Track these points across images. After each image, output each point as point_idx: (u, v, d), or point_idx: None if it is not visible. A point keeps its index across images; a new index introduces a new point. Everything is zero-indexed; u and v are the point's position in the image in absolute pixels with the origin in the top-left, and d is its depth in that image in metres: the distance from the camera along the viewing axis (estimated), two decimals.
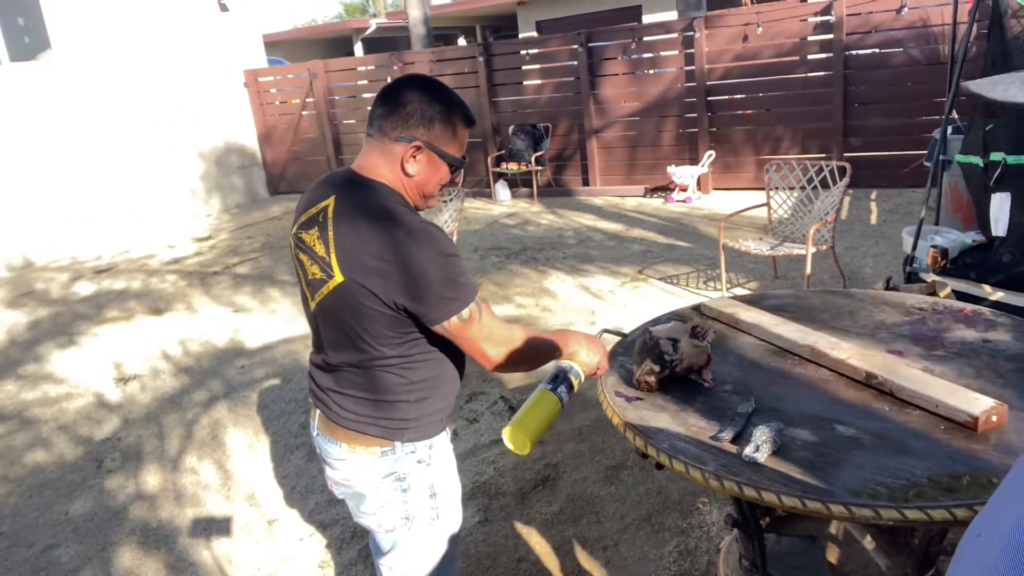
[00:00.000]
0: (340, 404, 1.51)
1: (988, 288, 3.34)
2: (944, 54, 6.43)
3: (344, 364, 1.48)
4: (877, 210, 6.41)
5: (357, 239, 1.38)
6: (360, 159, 1.49)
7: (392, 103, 1.44)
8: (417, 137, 1.44)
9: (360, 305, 1.39)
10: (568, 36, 8.29)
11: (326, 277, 1.42)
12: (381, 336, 1.42)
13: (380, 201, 1.42)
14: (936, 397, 1.54)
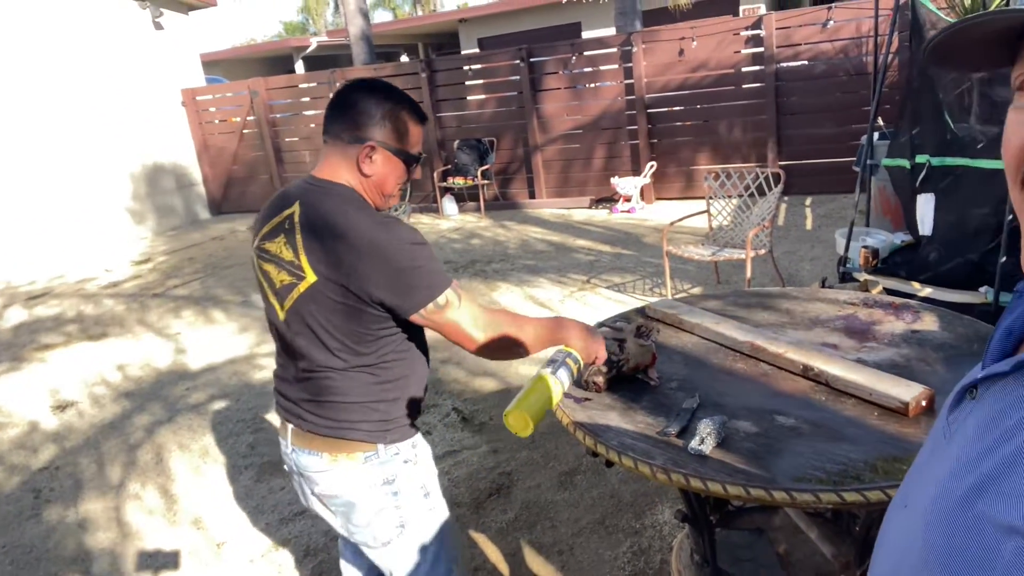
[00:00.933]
0: (317, 413, 1.49)
1: (917, 285, 3.50)
2: (868, 64, 6.73)
3: (319, 370, 1.47)
4: (812, 215, 6.64)
5: (325, 237, 1.39)
6: (320, 165, 1.51)
7: (342, 107, 1.47)
8: (370, 137, 1.46)
9: (334, 304, 1.39)
10: (510, 52, 8.38)
11: (297, 280, 1.42)
12: (355, 335, 1.42)
13: (343, 201, 1.44)
14: (869, 385, 1.61)
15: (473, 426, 3.47)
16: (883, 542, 0.66)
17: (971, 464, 0.50)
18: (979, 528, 0.46)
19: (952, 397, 0.61)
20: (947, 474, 0.53)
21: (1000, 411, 0.51)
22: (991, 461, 0.48)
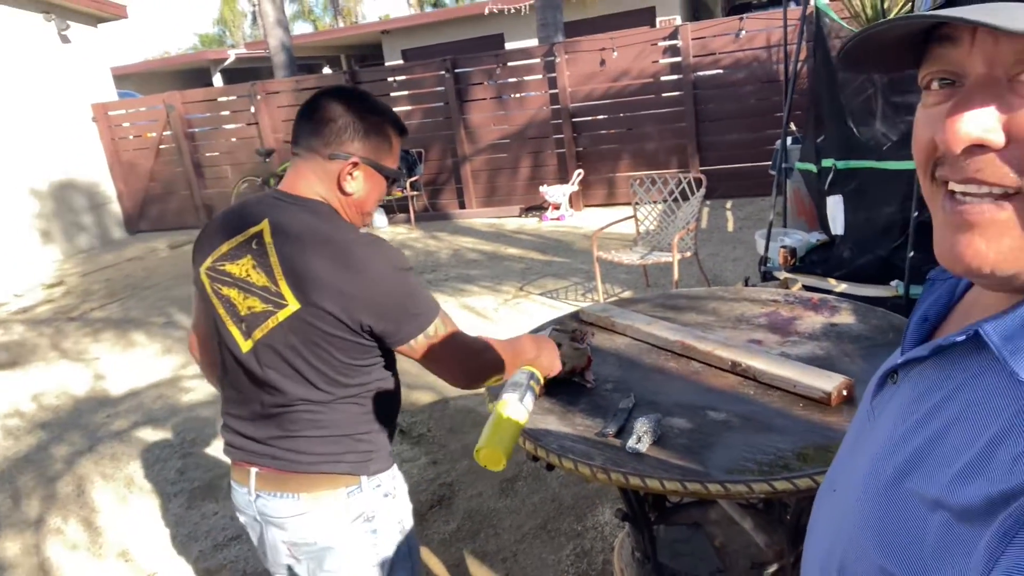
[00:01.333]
0: (296, 448, 1.34)
1: (833, 281, 3.67)
2: (779, 72, 7.04)
3: (297, 404, 1.33)
4: (733, 218, 6.88)
5: (309, 261, 1.27)
6: (290, 180, 1.38)
7: (320, 119, 1.35)
8: (353, 153, 1.36)
9: (319, 333, 1.27)
10: (435, 62, 8.39)
11: (274, 308, 1.28)
12: (341, 366, 1.31)
13: (324, 220, 1.32)
14: (793, 378, 1.69)
15: (411, 438, 3.44)
16: (815, 526, 0.69)
17: (897, 445, 0.54)
18: (908, 505, 0.49)
19: (874, 383, 0.65)
20: (875, 456, 0.56)
21: (920, 394, 0.55)
22: (916, 441, 0.52)
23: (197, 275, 1.39)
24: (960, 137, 0.46)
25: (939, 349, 0.54)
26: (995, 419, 0.45)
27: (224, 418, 1.45)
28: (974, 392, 0.49)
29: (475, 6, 17.60)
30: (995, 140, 0.45)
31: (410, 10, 32.78)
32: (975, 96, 0.46)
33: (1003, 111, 0.45)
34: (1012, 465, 0.42)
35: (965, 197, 0.48)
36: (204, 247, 1.40)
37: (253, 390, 1.36)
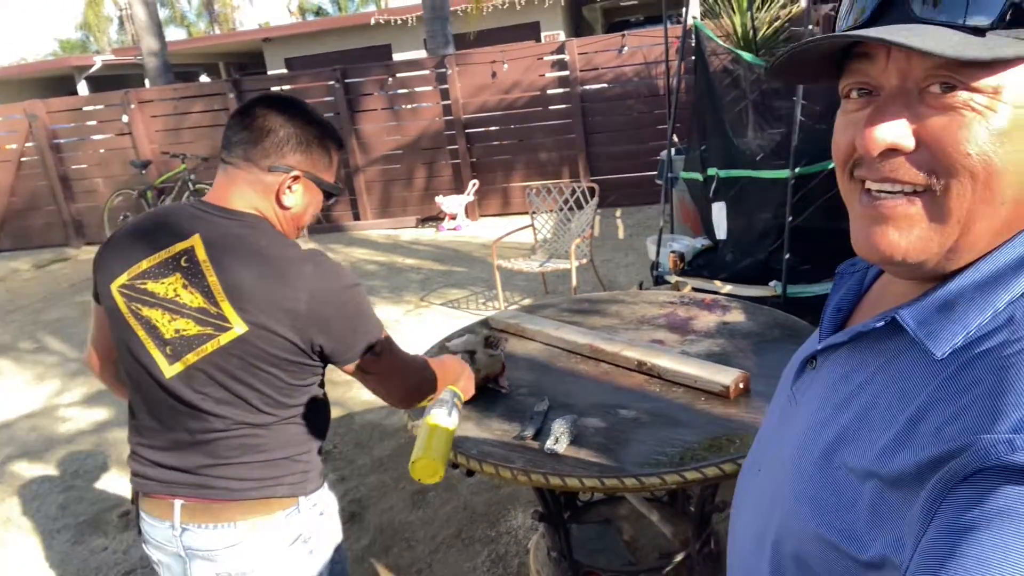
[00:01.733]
0: (232, 476, 1.27)
1: (719, 283, 3.90)
2: (661, 87, 7.40)
3: (233, 428, 1.26)
4: (623, 226, 7.15)
5: (256, 281, 1.21)
6: (220, 191, 1.30)
7: (259, 128, 1.28)
8: (294, 166, 1.30)
9: (267, 356, 1.22)
10: (325, 72, 8.24)
11: (215, 331, 1.21)
12: (286, 387, 1.27)
13: (264, 236, 1.26)
14: (694, 374, 1.79)
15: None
16: (742, 506, 0.74)
17: (824, 424, 0.59)
18: (840, 477, 0.54)
19: (792, 369, 0.71)
20: (802, 435, 0.62)
21: (842, 376, 0.61)
22: (842, 419, 0.57)
23: (106, 292, 1.29)
24: (877, 142, 0.52)
25: (858, 335, 0.60)
26: (916, 395, 0.51)
27: (135, 447, 1.34)
28: (894, 372, 0.55)
29: (361, 16, 17.43)
30: (906, 144, 0.51)
31: (292, 18, 31.98)
32: (889, 106, 0.52)
33: (913, 119, 0.51)
34: (937, 434, 0.47)
35: (880, 194, 0.54)
36: (114, 262, 1.29)
37: (177, 417, 1.27)
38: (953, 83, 0.49)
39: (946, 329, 0.52)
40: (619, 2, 17.06)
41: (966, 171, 0.50)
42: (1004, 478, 0.42)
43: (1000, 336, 0.49)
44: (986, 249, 0.53)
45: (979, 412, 0.45)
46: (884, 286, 0.66)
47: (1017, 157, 0.49)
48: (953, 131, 0.50)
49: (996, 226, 0.52)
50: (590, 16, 18.69)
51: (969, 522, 0.42)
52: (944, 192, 0.51)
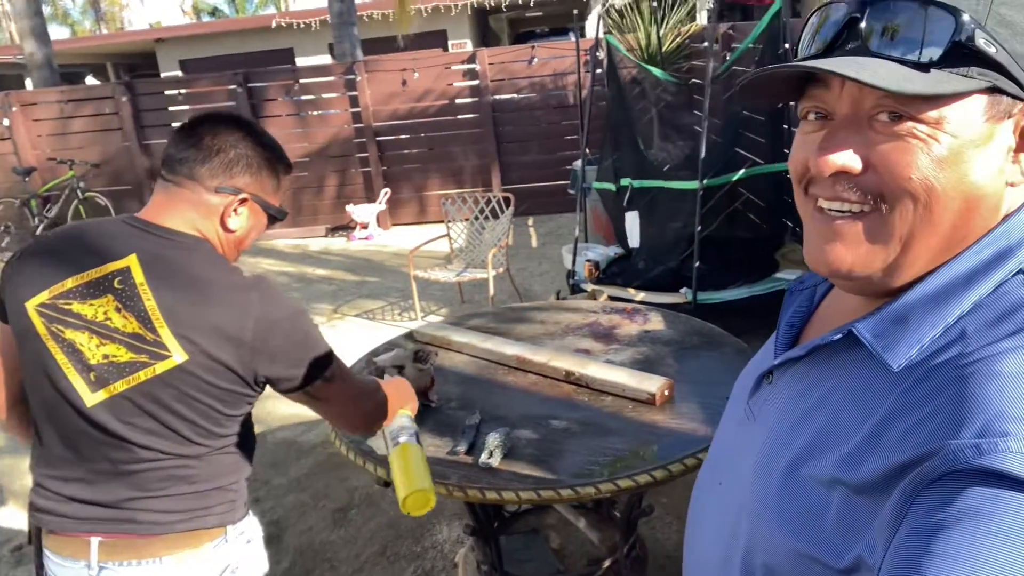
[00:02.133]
0: (159, 508, 1.20)
1: (632, 291, 4.01)
2: (570, 99, 7.55)
3: (164, 458, 1.19)
4: (536, 234, 7.23)
5: (199, 307, 1.15)
6: (157, 208, 1.23)
7: (208, 147, 1.22)
8: (243, 188, 1.25)
9: (206, 386, 1.16)
10: (226, 75, 7.94)
11: (150, 358, 1.14)
12: (221, 417, 1.21)
13: (207, 260, 1.21)
14: (621, 383, 1.83)
15: None
16: (702, 520, 0.75)
17: (787, 436, 0.61)
18: (808, 488, 0.56)
19: (747, 384, 0.73)
20: (764, 449, 0.64)
21: (802, 389, 0.63)
22: (806, 431, 0.59)
23: (18, 311, 1.18)
24: (829, 165, 0.56)
25: (816, 348, 0.63)
26: (878, 405, 0.54)
27: (42, 480, 1.24)
28: (854, 384, 0.58)
29: (262, 18, 16.91)
30: (855, 167, 0.55)
31: (185, 18, 30.69)
32: (841, 131, 0.56)
33: (862, 144, 0.55)
34: (902, 441, 0.50)
35: (831, 212, 0.58)
36: (30, 278, 1.19)
37: (97, 447, 1.19)
38: (900, 113, 0.53)
39: (902, 342, 0.55)
40: (524, 13, 17.30)
41: (908, 194, 0.54)
42: (971, 480, 0.45)
43: (955, 349, 0.52)
44: (926, 267, 0.57)
45: (944, 420, 0.48)
46: (834, 303, 0.69)
47: (955, 183, 0.53)
48: (898, 157, 0.54)
49: (935, 246, 0.56)
50: (496, 26, 18.87)
51: (940, 522, 0.45)
52: (888, 213, 0.55)
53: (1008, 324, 0.52)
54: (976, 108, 0.53)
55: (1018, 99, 0.53)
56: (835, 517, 0.54)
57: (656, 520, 2.57)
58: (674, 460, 1.53)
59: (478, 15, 17.06)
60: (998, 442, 0.45)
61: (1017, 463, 0.43)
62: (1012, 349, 0.49)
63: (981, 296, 0.54)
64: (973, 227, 0.55)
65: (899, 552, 0.47)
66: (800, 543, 0.56)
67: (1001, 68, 0.52)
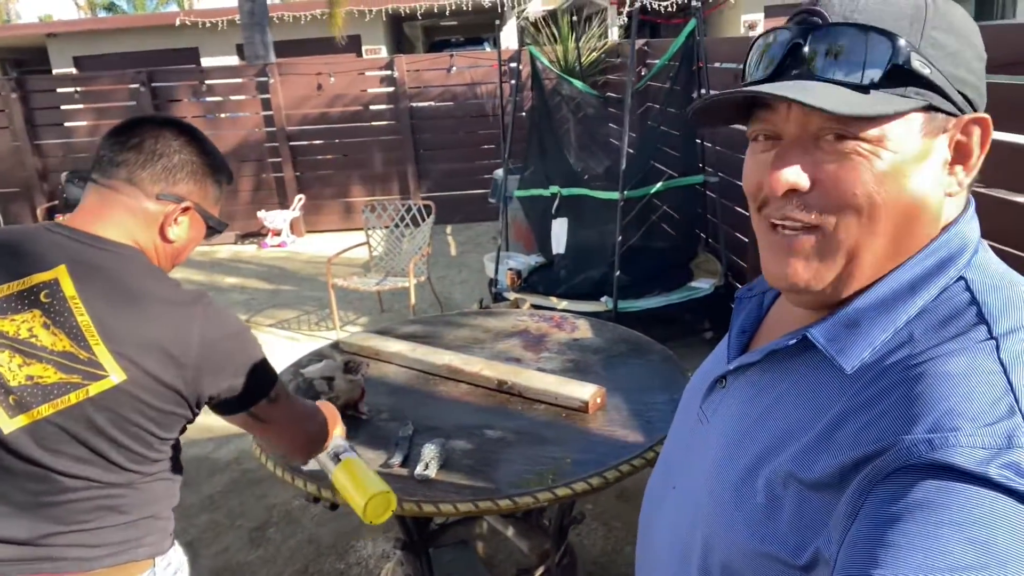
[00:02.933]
0: (85, 543, 1.11)
1: (555, 299, 4.04)
2: (488, 108, 7.58)
3: (92, 487, 1.10)
4: (454, 242, 7.21)
5: (139, 323, 1.07)
6: (89, 215, 1.13)
7: (150, 151, 1.15)
8: (186, 196, 1.18)
9: (142, 408, 1.08)
10: (128, 74, 7.54)
11: (83, 379, 1.05)
12: (156, 441, 1.13)
13: (145, 273, 1.13)
14: (553, 391, 1.84)
15: None
16: (656, 523, 0.76)
17: (742, 439, 0.63)
18: (765, 488, 0.58)
19: (700, 389, 0.75)
20: (719, 452, 0.65)
21: (756, 393, 0.65)
22: (763, 433, 0.61)
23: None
24: (780, 184, 0.58)
25: (771, 353, 0.65)
26: (831, 406, 0.57)
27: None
28: (808, 386, 0.60)
29: (165, 15, 16.18)
30: (803, 185, 0.58)
31: (80, 13, 29.01)
32: (790, 151, 0.59)
33: (810, 163, 0.58)
34: (856, 438, 0.52)
35: (784, 229, 0.61)
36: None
37: (13, 479, 1.08)
38: (844, 133, 0.56)
39: (854, 345, 0.58)
40: (439, 22, 17.29)
41: (853, 208, 0.57)
42: (924, 474, 0.47)
43: (904, 351, 0.56)
44: (871, 277, 0.60)
45: (896, 417, 0.51)
46: (783, 308, 0.72)
47: (896, 196, 0.57)
48: (843, 174, 0.57)
49: (880, 256, 0.59)
50: (411, 33, 18.77)
51: (894, 514, 0.47)
52: (834, 228, 0.58)
53: (951, 328, 0.55)
54: (914, 125, 0.56)
55: (952, 115, 0.57)
56: (792, 515, 0.55)
57: (582, 527, 2.59)
58: (609, 467, 1.54)
59: (393, 21, 16.92)
60: (948, 437, 0.47)
61: (965, 457, 0.46)
62: (958, 350, 0.52)
63: (927, 301, 0.58)
64: (915, 236, 0.59)
65: (855, 544, 0.49)
66: (759, 542, 0.57)
67: (936, 87, 0.56)
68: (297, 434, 1.30)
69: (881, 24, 0.55)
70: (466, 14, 15.41)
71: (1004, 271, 0.59)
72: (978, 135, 0.58)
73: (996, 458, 0.46)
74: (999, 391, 0.49)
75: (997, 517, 0.44)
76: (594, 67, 6.80)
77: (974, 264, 0.59)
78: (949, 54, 0.56)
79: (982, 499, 0.45)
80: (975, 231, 0.61)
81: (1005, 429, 0.47)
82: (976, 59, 0.59)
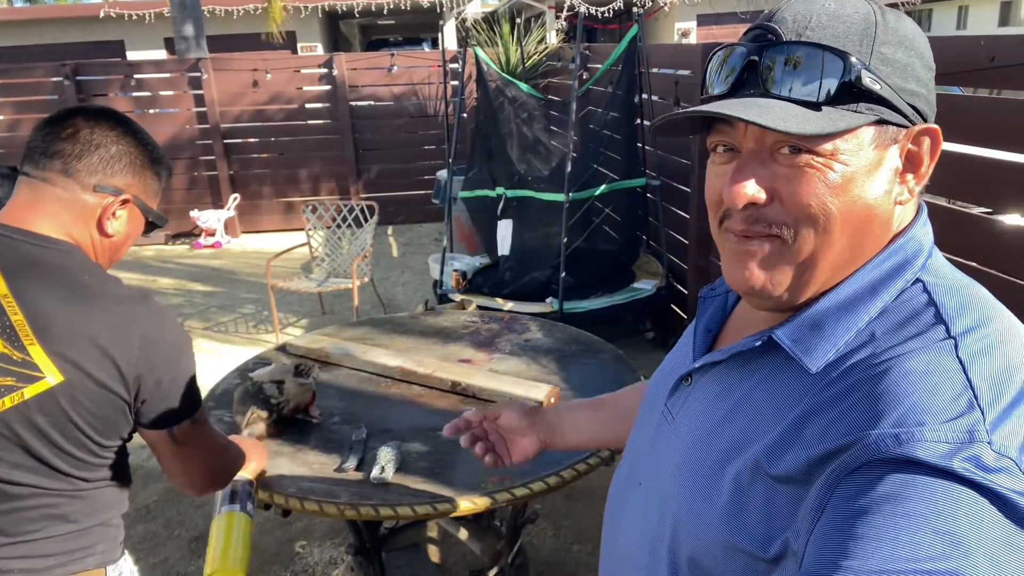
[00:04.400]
0: (32, 554, 1.07)
1: (501, 300, 4.05)
2: (430, 108, 7.53)
3: (36, 495, 1.06)
4: (396, 243, 7.13)
5: (77, 321, 1.02)
6: (21, 210, 1.09)
7: (85, 141, 1.10)
8: (124, 189, 1.13)
9: (82, 410, 1.04)
10: (52, 67, 7.18)
11: (17, 381, 1.00)
12: (98, 448, 1.08)
13: (84, 268, 1.08)
14: (508, 391, 1.84)
15: None
16: (622, 519, 0.77)
17: (709, 436, 0.65)
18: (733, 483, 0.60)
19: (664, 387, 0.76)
20: (686, 448, 0.67)
21: (721, 391, 0.67)
22: (730, 430, 0.63)
23: None
24: (740, 198, 0.61)
25: (738, 353, 0.66)
26: (797, 403, 0.59)
27: None
28: (773, 385, 0.62)
29: (89, 7, 15.50)
30: (761, 198, 0.60)
31: None
32: (748, 165, 0.61)
33: (767, 176, 0.61)
34: (823, 434, 0.54)
35: (744, 237, 0.63)
36: None
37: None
38: (799, 147, 0.59)
39: (818, 346, 0.61)
40: (377, 20, 17.12)
41: (809, 219, 0.60)
42: (891, 468, 0.49)
43: (867, 350, 0.58)
44: (826, 284, 0.63)
45: (862, 413, 0.53)
46: (747, 308, 0.74)
47: (849, 205, 0.59)
48: (798, 186, 0.59)
49: (834, 263, 0.61)
50: (348, 31, 18.52)
51: (862, 506, 0.49)
52: (793, 239, 0.61)
53: (911, 327, 0.58)
54: (865, 139, 0.59)
55: (902, 127, 0.60)
56: (760, 508, 0.57)
57: (532, 526, 2.60)
58: (566, 467, 1.55)
59: (329, 19, 16.65)
60: (914, 432, 0.49)
61: (930, 451, 0.48)
62: (918, 349, 0.55)
63: (886, 303, 0.60)
64: (867, 243, 0.62)
65: (824, 536, 0.50)
66: (727, 536, 0.59)
67: (886, 102, 0.59)
68: (205, 465, 1.24)
69: (833, 43, 0.58)
70: (404, 13, 15.29)
71: (956, 274, 0.62)
72: (928, 144, 0.62)
73: (959, 452, 0.48)
74: (959, 387, 0.51)
75: (961, 508, 0.47)
76: (535, 70, 6.85)
77: (929, 267, 0.62)
78: (898, 68, 0.59)
79: (946, 492, 0.47)
80: (929, 236, 0.64)
81: (966, 424, 0.49)
82: (925, 70, 0.62)
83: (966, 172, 2.16)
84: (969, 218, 2.20)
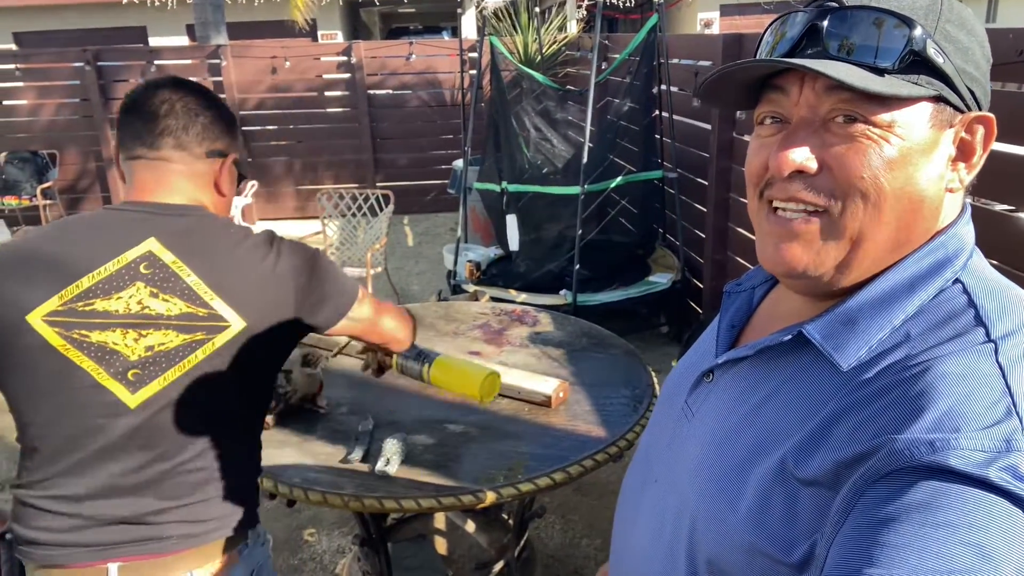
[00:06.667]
0: (191, 518, 1.12)
1: (514, 292, 4.03)
2: (448, 98, 7.51)
3: (207, 454, 1.13)
4: (412, 233, 7.13)
5: (238, 273, 1.13)
6: (148, 188, 1.15)
7: (184, 112, 1.16)
8: (227, 150, 1.22)
9: (263, 352, 1.16)
10: (73, 52, 7.24)
11: (206, 334, 1.09)
12: (263, 396, 1.25)
13: (222, 226, 1.18)
14: (516, 385, 1.82)
15: None
16: (636, 517, 0.75)
17: (733, 434, 0.62)
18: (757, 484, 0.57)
19: (686, 382, 0.73)
20: (707, 447, 0.64)
21: (746, 388, 0.64)
22: (754, 428, 0.60)
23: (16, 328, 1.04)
24: (788, 163, 0.58)
25: (764, 349, 0.64)
26: (826, 403, 0.56)
27: (42, 503, 1.09)
28: (802, 383, 0.60)
29: None
30: (811, 167, 0.58)
31: None
32: (799, 133, 0.58)
33: (818, 145, 0.58)
34: (852, 436, 0.52)
35: (786, 213, 0.60)
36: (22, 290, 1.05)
37: (131, 454, 1.08)
38: (854, 116, 0.56)
39: (851, 343, 0.58)
40: (397, 9, 17.07)
41: (860, 192, 0.57)
42: (922, 475, 0.47)
43: (902, 351, 0.55)
44: (872, 268, 0.60)
45: (894, 417, 0.51)
46: (774, 304, 0.71)
47: (902, 183, 0.57)
48: (851, 156, 0.56)
49: (882, 245, 0.59)
50: (368, 20, 18.48)
51: (890, 514, 0.47)
52: (840, 212, 0.58)
53: (949, 329, 0.55)
54: (923, 115, 0.56)
55: (959, 110, 0.57)
56: (784, 511, 0.55)
57: (540, 520, 2.59)
58: (572, 462, 1.54)
59: (349, 7, 16.64)
60: (949, 439, 0.47)
61: (965, 459, 0.46)
62: (956, 352, 0.52)
63: (924, 301, 0.57)
64: (915, 230, 0.59)
65: (848, 541, 0.48)
66: (750, 538, 0.57)
67: (946, 78, 0.56)
68: (394, 320, 1.37)
69: (899, 9, 0.56)
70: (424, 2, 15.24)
71: (997, 276, 0.60)
72: (981, 134, 0.59)
73: (995, 461, 0.46)
74: (997, 394, 0.49)
75: (994, 520, 0.44)
76: (553, 59, 6.79)
77: (969, 267, 0.59)
78: (960, 49, 0.57)
79: (980, 502, 0.45)
80: (971, 235, 0.62)
81: (1004, 432, 0.47)
82: (984, 59, 0.59)
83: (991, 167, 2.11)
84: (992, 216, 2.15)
